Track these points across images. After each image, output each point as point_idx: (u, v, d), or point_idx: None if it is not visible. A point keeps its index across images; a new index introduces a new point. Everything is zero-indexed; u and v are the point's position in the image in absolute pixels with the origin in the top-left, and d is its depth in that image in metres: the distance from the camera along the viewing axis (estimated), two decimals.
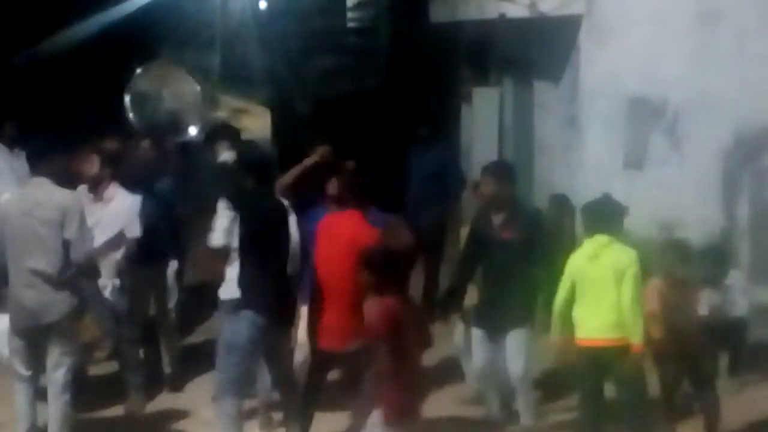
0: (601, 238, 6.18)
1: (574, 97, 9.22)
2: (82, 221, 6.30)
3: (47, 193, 6.29)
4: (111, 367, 7.77)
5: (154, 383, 7.56)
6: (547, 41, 9.70)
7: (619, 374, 6.21)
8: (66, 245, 6.21)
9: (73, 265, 6.25)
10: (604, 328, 6.10)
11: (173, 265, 7.72)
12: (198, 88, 9.97)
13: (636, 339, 6.04)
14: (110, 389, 7.49)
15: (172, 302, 7.74)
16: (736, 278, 7.33)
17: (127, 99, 9.26)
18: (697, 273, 6.44)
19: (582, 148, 9.14)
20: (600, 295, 6.11)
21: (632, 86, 8.90)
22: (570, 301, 6.26)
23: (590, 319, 6.14)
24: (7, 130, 8.86)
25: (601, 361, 6.17)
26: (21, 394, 6.37)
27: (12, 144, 8.71)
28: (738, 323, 7.36)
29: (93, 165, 7.16)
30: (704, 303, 6.66)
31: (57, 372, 6.32)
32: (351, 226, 6.30)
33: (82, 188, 7.15)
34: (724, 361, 7.31)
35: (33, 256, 6.19)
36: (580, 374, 6.36)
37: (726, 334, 7.16)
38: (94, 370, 7.78)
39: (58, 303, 6.24)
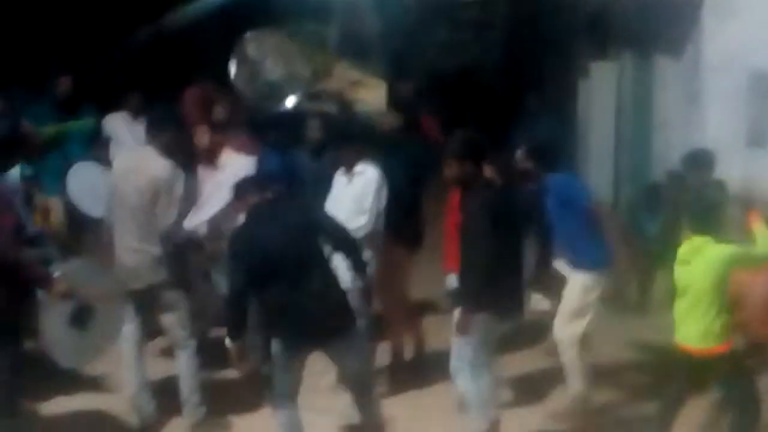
0: (695, 241, 5.83)
1: (695, 72, 9.06)
2: (174, 196, 6.31)
3: (147, 163, 6.39)
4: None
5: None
6: (669, 15, 9.53)
7: (715, 380, 5.98)
8: (156, 217, 6.27)
9: (161, 238, 6.30)
10: (692, 337, 5.84)
11: None
12: (303, 58, 10.03)
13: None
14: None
15: None
16: None
17: (232, 64, 9.42)
18: None
19: (703, 124, 8.98)
20: (689, 304, 5.82)
21: (756, 62, 8.71)
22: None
23: (682, 325, 5.90)
24: (132, 100, 9.15)
25: (688, 368, 5.94)
26: (126, 338, 6.50)
27: (137, 113, 8.98)
28: None
29: (203, 136, 7.35)
30: None
31: (177, 334, 6.57)
32: None
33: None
34: None
35: (121, 221, 6.38)
36: (673, 374, 6.16)
37: None
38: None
39: (142, 271, 6.35)
